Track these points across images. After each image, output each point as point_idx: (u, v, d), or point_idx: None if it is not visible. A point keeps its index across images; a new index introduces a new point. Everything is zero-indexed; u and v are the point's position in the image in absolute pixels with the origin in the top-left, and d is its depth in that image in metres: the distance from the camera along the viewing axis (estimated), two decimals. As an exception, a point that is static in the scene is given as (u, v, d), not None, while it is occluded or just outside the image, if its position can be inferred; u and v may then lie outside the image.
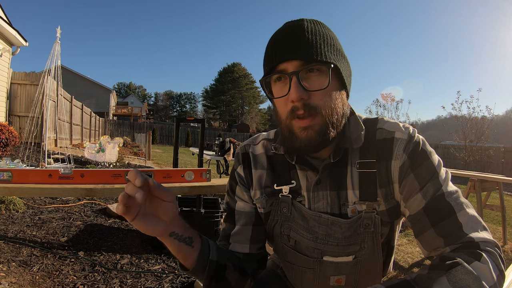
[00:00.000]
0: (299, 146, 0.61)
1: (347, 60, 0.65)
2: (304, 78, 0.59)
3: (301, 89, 0.57)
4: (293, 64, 0.58)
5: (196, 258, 0.62)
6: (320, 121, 0.60)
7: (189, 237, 0.61)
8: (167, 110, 67.07)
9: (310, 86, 0.59)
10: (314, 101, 0.59)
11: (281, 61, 0.59)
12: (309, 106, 0.58)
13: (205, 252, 0.64)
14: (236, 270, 0.69)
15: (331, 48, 0.60)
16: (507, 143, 16.08)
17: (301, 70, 0.58)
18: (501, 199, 3.37)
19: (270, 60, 0.61)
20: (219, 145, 6.16)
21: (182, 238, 0.59)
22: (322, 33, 0.61)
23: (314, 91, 0.59)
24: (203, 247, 0.64)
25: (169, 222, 0.57)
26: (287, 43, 0.59)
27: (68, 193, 1.55)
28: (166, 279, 1.92)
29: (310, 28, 0.60)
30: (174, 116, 47.34)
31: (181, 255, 0.61)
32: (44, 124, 5.60)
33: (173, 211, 0.56)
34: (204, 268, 0.63)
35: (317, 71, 0.59)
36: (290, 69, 0.59)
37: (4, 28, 6.64)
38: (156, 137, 23.66)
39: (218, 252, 0.67)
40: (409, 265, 2.58)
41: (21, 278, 1.76)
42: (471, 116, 13.21)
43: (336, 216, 0.66)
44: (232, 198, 0.78)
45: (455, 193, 0.59)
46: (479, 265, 0.48)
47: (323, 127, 0.60)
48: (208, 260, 0.64)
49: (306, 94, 0.58)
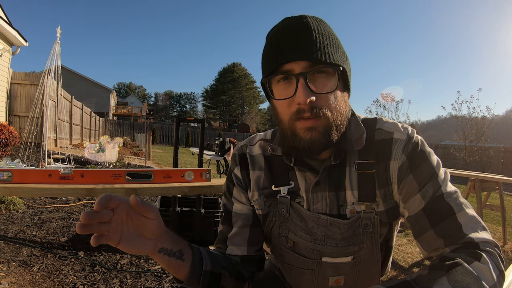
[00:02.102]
0: (302, 148, 0.60)
1: (348, 60, 0.65)
2: (310, 80, 0.57)
3: (308, 91, 0.56)
4: (300, 64, 0.56)
5: (188, 271, 0.61)
6: (325, 122, 0.58)
7: (179, 250, 0.59)
8: (167, 110, 67.06)
9: (317, 89, 0.57)
10: (320, 103, 0.57)
11: (287, 61, 0.57)
12: (315, 108, 0.57)
13: (198, 263, 0.63)
14: (231, 276, 0.68)
15: (336, 49, 0.59)
16: (507, 143, 16.08)
17: (309, 72, 0.56)
18: (501, 199, 3.36)
19: (274, 60, 0.58)
20: (219, 145, 6.16)
21: (172, 252, 0.58)
22: (327, 32, 0.59)
23: (321, 94, 0.57)
24: (195, 258, 0.62)
25: (156, 239, 0.55)
26: (293, 42, 0.56)
27: (68, 193, 1.55)
28: (166, 279, 1.92)
29: (316, 27, 0.58)
30: (174, 116, 47.31)
31: (172, 270, 0.60)
32: (44, 124, 5.60)
33: (159, 228, 0.55)
34: (199, 280, 0.62)
35: (324, 73, 0.58)
36: (296, 70, 0.57)
37: (4, 28, 6.64)
38: (156, 137, 23.65)
39: (212, 261, 0.65)
40: (409, 265, 2.58)
41: (21, 278, 1.76)
42: (471, 116, 13.21)
43: (335, 217, 0.66)
44: (229, 199, 0.76)
45: (455, 193, 0.59)
46: (479, 265, 0.48)
47: (327, 129, 0.59)
48: (202, 272, 0.63)
49: (313, 97, 0.56)
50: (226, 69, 56.34)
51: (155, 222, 0.54)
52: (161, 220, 0.56)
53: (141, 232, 0.54)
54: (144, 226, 0.53)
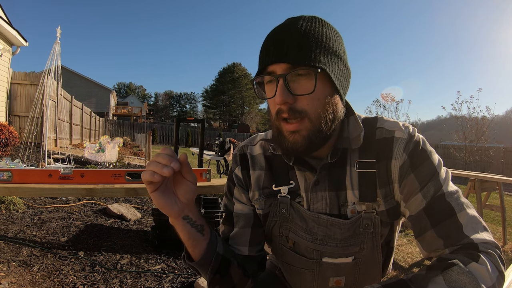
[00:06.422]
0: (285, 148, 0.62)
1: (344, 62, 0.63)
2: (292, 81, 0.58)
3: (286, 92, 0.57)
4: (281, 66, 0.58)
5: (205, 247, 0.63)
6: (308, 125, 0.59)
7: (200, 224, 0.61)
8: (167, 110, 67.03)
9: (296, 90, 0.58)
10: (300, 105, 0.58)
11: (271, 63, 0.58)
12: (294, 110, 0.58)
13: (213, 243, 0.64)
14: (239, 268, 0.69)
15: (323, 51, 0.58)
16: (507, 143, 16.10)
17: (288, 74, 0.57)
18: (501, 199, 3.36)
19: (261, 61, 0.60)
20: (219, 145, 6.16)
21: (194, 224, 0.60)
22: (317, 34, 0.58)
23: (300, 95, 0.58)
24: (212, 237, 0.64)
25: (185, 204, 0.58)
26: (277, 45, 0.58)
27: (68, 193, 1.55)
28: (166, 279, 1.91)
29: (304, 29, 0.58)
30: (174, 116, 47.34)
31: (190, 242, 0.61)
32: (44, 124, 5.60)
33: (192, 193, 0.58)
34: (210, 260, 0.63)
35: (306, 75, 0.58)
36: (278, 72, 0.58)
37: (4, 28, 6.63)
38: (156, 137, 23.65)
39: (224, 246, 0.67)
40: (409, 265, 2.58)
41: (21, 278, 1.76)
42: (471, 116, 13.22)
43: (335, 217, 0.65)
44: (230, 200, 0.77)
45: (456, 193, 0.59)
46: (476, 266, 0.48)
47: (310, 132, 0.59)
48: (215, 252, 0.64)
49: (291, 98, 0.57)
50: (226, 69, 56.34)
51: (191, 186, 0.57)
52: (196, 187, 0.59)
53: (176, 191, 0.57)
54: (181, 186, 0.57)
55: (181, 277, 1.96)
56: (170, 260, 2.20)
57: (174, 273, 2.01)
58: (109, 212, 3.19)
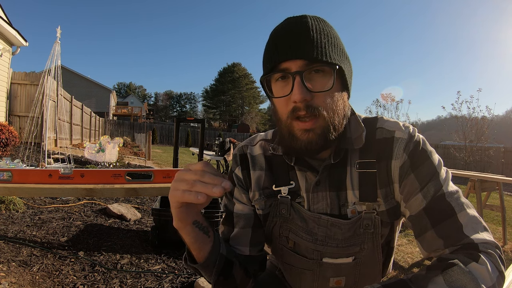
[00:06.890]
0: (299, 148, 0.60)
1: (349, 60, 0.64)
2: (307, 79, 0.57)
3: (304, 89, 0.56)
4: (296, 63, 0.57)
5: (210, 249, 0.62)
6: (322, 123, 0.58)
7: (206, 226, 0.60)
8: (167, 110, 67.05)
9: (313, 87, 0.57)
10: (316, 102, 0.57)
11: (284, 60, 0.57)
12: (311, 107, 0.57)
13: (217, 244, 0.64)
14: (241, 268, 0.68)
15: (335, 48, 0.59)
16: (507, 143, 16.10)
17: (305, 70, 0.56)
18: (501, 199, 3.36)
19: (272, 58, 0.59)
20: (219, 145, 6.16)
21: (202, 227, 0.59)
22: (326, 32, 0.59)
23: (318, 92, 0.57)
24: (216, 239, 0.64)
25: (198, 211, 0.57)
26: (291, 41, 0.57)
27: (68, 193, 1.55)
28: (166, 279, 1.91)
29: (314, 26, 0.58)
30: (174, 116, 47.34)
31: (197, 245, 0.60)
32: (44, 124, 5.60)
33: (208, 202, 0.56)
34: (215, 262, 0.62)
35: (321, 72, 0.58)
36: (293, 68, 0.57)
37: (4, 28, 6.63)
38: (156, 137, 23.65)
39: (226, 247, 0.66)
40: (409, 265, 2.58)
41: (21, 278, 1.76)
42: (471, 116, 13.21)
43: (336, 217, 0.65)
44: (230, 200, 0.76)
45: (456, 193, 0.59)
46: (476, 266, 0.48)
47: (324, 130, 0.58)
48: (219, 254, 0.63)
49: (309, 95, 0.56)
50: (226, 69, 56.33)
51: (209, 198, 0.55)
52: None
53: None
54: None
55: (181, 277, 1.96)
56: (170, 260, 2.20)
57: (174, 273, 2.01)
58: (109, 212, 3.19)
